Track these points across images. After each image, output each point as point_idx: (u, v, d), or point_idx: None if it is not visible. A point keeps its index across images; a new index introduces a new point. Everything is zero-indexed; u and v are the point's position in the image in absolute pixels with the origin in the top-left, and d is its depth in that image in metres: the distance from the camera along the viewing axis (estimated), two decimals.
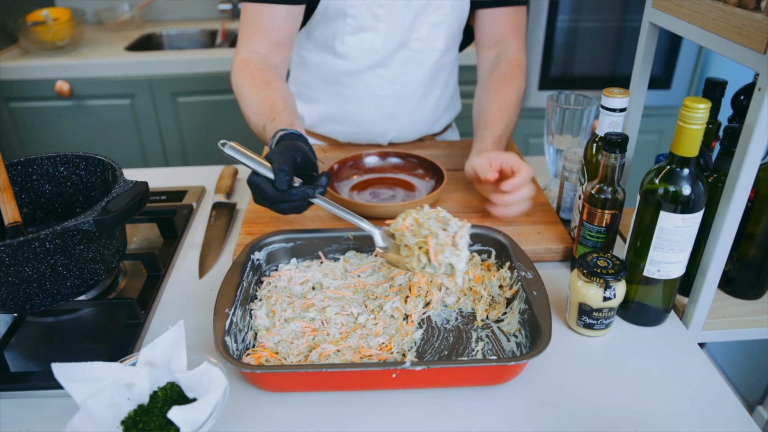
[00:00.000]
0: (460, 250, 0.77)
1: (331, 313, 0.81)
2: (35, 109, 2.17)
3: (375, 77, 1.21)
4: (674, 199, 0.74)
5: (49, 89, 2.13)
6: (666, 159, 0.76)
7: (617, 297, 0.78)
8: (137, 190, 0.79)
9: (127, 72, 2.13)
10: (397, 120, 1.27)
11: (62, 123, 2.20)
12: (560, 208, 1.06)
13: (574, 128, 1.06)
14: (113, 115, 2.21)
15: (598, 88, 2.24)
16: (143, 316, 0.84)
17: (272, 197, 0.79)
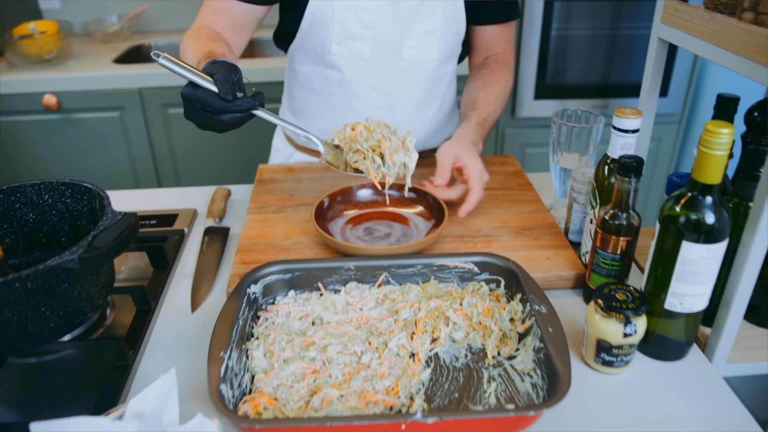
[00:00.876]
0: (411, 151, 0.91)
1: (332, 353, 0.76)
2: (23, 123, 2.10)
3: (368, 88, 1.15)
4: (697, 228, 0.69)
5: (36, 103, 2.05)
6: (687, 185, 0.71)
7: (638, 333, 0.72)
8: (126, 223, 0.73)
9: (115, 84, 2.06)
10: None
11: (50, 137, 2.13)
12: (569, 230, 1.00)
13: (582, 146, 1.01)
14: (102, 128, 2.14)
15: (594, 97, 2.20)
16: (132, 356, 0.77)
17: (216, 107, 0.79)
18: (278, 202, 1.10)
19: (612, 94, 2.21)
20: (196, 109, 0.81)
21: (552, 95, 2.18)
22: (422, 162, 1.25)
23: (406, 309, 0.82)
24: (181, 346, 0.82)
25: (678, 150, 2.28)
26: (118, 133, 2.16)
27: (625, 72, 2.17)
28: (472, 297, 0.83)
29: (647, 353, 0.79)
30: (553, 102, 2.19)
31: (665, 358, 0.78)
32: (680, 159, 2.29)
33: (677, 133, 2.25)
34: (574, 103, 2.20)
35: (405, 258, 0.87)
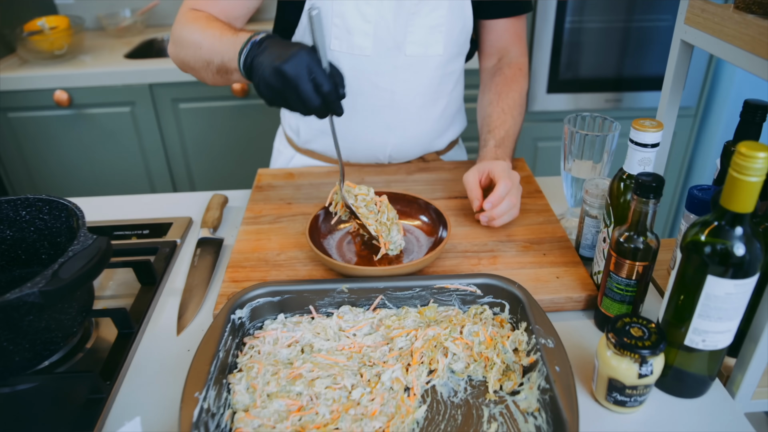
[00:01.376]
0: None
1: (320, 387, 0.67)
2: (34, 119, 2.03)
3: (369, 85, 1.06)
4: (724, 261, 0.59)
5: (48, 99, 1.99)
6: (713, 211, 0.60)
7: (655, 373, 0.63)
8: (95, 250, 0.65)
9: (126, 80, 1.98)
10: (395, 133, 1.12)
11: (62, 132, 2.07)
12: (580, 244, 0.90)
13: (595, 155, 0.90)
14: (114, 123, 2.07)
15: (608, 90, 2.07)
16: (108, 388, 0.70)
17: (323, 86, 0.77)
18: (275, 211, 1.02)
19: (626, 88, 2.08)
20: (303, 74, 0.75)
21: (565, 89, 2.06)
22: (428, 167, 1.15)
23: (401, 337, 0.73)
24: (162, 373, 0.74)
25: (692, 144, 2.14)
26: (130, 129, 2.09)
27: (640, 65, 2.03)
28: (473, 325, 0.74)
29: (664, 388, 0.69)
30: (566, 96, 2.07)
31: (684, 394, 0.69)
32: (694, 153, 2.15)
33: (692, 127, 2.11)
34: (587, 97, 2.07)
35: (402, 280, 0.78)
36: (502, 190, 0.90)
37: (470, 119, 1.28)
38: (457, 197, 1.05)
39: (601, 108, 2.10)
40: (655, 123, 0.70)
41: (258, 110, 2.06)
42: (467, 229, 0.95)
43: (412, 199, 0.96)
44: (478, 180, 0.95)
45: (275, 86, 0.77)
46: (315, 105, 0.77)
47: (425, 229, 0.93)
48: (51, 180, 2.17)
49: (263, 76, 0.77)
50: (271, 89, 0.78)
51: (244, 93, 2.01)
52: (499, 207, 0.90)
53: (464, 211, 1.00)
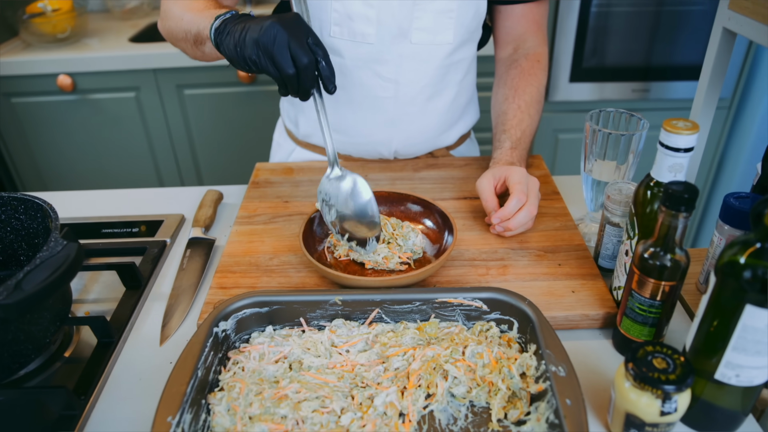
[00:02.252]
0: None
1: (307, 410, 0.62)
2: (38, 105, 2.01)
3: (372, 75, 0.99)
4: (767, 287, 0.52)
5: (51, 84, 1.95)
6: (755, 229, 0.54)
7: (679, 411, 0.56)
8: (62, 258, 0.61)
9: (131, 65, 1.94)
10: (400, 127, 1.05)
11: (66, 118, 2.04)
12: (599, 254, 0.84)
13: (620, 155, 0.83)
14: (118, 109, 2.04)
15: (635, 80, 1.97)
16: (82, 404, 0.66)
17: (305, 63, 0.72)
18: (270, 210, 0.96)
19: (655, 77, 1.97)
20: (296, 31, 0.72)
21: (589, 78, 1.96)
22: (437, 163, 1.09)
23: (398, 356, 0.68)
24: (142, 388, 0.70)
25: (725, 139, 2.03)
26: (135, 114, 2.05)
27: (671, 53, 1.93)
28: (477, 345, 0.68)
29: (689, 422, 0.63)
30: (590, 85, 1.97)
31: (712, 429, 0.62)
32: (726, 149, 2.05)
33: (725, 121, 2.00)
34: (612, 87, 1.98)
35: (401, 293, 0.72)
36: (513, 205, 0.84)
37: (483, 109, 1.21)
38: (467, 197, 0.98)
39: (627, 99, 2.01)
40: (689, 124, 0.63)
41: (265, 97, 2.01)
42: (476, 234, 0.89)
43: (415, 200, 0.90)
44: (493, 187, 0.89)
45: (248, 56, 0.73)
46: (289, 73, 0.72)
47: (429, 234, 0.87)
48: (56, 168, 2.15)
49: (240, 41, 0.74)
50: (243, 59, 0.74)
51: (251, 80, 1.96)
52: (516, 218, 0.84)
53: (474, 213, 0.94)
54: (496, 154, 0.96)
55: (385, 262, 0.79)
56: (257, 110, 2.04)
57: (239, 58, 0.74)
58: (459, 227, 0.88)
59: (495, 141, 0.99)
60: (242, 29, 0.74)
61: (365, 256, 0.82)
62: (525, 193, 0.84)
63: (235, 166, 2.17)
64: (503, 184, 0.89)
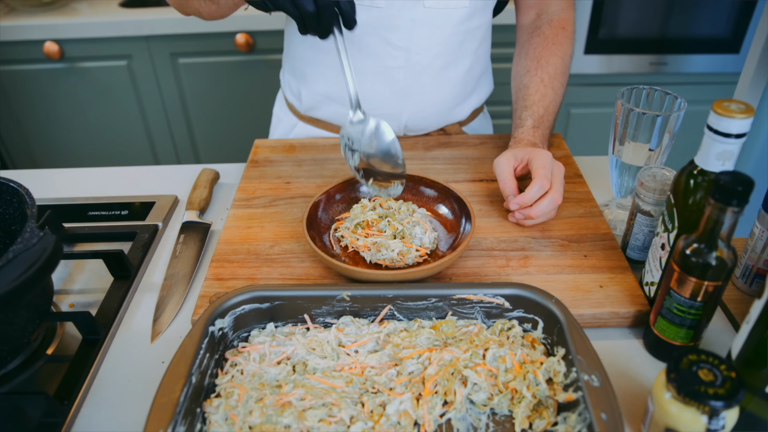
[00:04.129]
0: None
1: (313, 420, 0.57)
2: (23, 73, 1.92)
3: (381, 43, 0.92)
4: None
5: (37, 51, 1.87)
6: None
7: (727, 428, 0.51)
8: (39, 251, 0.55)
9: (122, 31, 1.85)
10: (411, 99, 0.98)
11: (54, 87, 1.96)
12: (628, 244, 0.78)
13: (654, 138, 0.76)
14: (109, 78, 1.95)
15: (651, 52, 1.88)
16: (65, 410, 0.60)
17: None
18: (270, 192, 0.90)
19: (671, 50, 1.89)
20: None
21: (604, 50, 1.88)
22: (449, 141, 1.02)
23: (412, 359, 0.62)
24: (132, 390, 0.64)
25: None
26: (127, 84, 1.97)
27: (691, 24, 1.84)
28: (499, 347, 0.62)
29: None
30: (605, 57, 1.89)
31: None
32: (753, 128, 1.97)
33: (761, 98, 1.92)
34: (629, 59, 1.90)
35: (415, 288, 0.66)
36: (535, 191, 0.77)
37: (497, 81, 1.14)
38: (483, 180, 0.92)
39: (643, 72, 1.93)
40: (743, 106, 0.56)
41: (265, 67, 1.92)
42: (495, 222, 0.83)
43: (429, 184, 0.83)
44: (512, 168, 0.83)
45: None
46: (309, 11, 0.66)
47: (445, 222, 0.81)
48: (45, 142, 2.08)
49: None
50: None
51: (249, 47, 1.87)
52: (538, 206, 0.78)
53: (491, 197, 0.88)
54: (517, 133, 0.89)
55: (401, 258, 0.73)
56: (256, 81, 1.96)
57: None
58: (476, 213, 0.82)
59: (515, 118, 0.92)
60: None
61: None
62: (548, 178, 0.78)
63: (232, 142, 2.10)
64: (525, 166, 0.83)
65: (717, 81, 1.93)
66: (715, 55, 1.90)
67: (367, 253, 0.75)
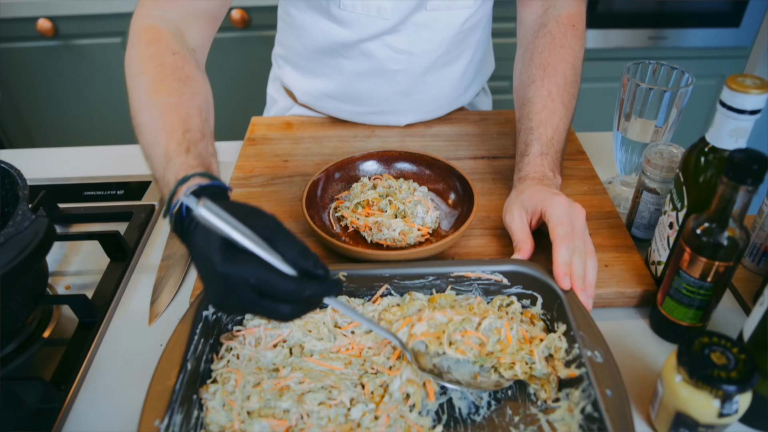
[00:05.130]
0: None
1: (312, 404, 0.55)
2: (17, 51, 1.86)
3: (383, 47, 0.87)
4: None
5: (30, 28, 1.81)
6: None
7: (740, 412, 0.49)
8: (32, 235, 0.52)
9: (116, 7, 1.79)
10: (413, 98, 0.94)
11: (49, 65, 1.90)
12: (633, 222, 0.75)
13: (662, 114, 0.73)
14: (104, 55, 1.90)
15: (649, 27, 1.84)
16: (62, 395, 0.58)
17: (281, 294, 0.47)
18: (268, 171, 0.87)
19: (671, 24, 1.84)
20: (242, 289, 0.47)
21: (602, 24, 1.83)
22: (449, 118, 0.99)
23: (404, 329, 0.60)
24: (130, 374, 0.62)
25: None
26: (121, 62, 1.90)
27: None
28: (497, 319, 0.60)
29: (741, 419, 0.56)
30: (602, 32, 1.84)
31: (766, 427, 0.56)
32: None
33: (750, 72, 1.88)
34: (626, 34, 1.85)
35: (412, 267, 0.64)
36: (564, 257, 0.61)
37: (497, 56, 1.10)
38: (484, 157, 0.89)
39: (643, 46, 1.88)
40: (758, 81, 0.53)
41: (260, 43, 1.87)
42: (497, 199, 0.80)
43: (430, 161, 0.80)
44: (527, 224, 0.69)
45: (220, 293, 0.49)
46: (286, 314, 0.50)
47: (447, 201, 0.78)
48: (41, 120, 2.03)
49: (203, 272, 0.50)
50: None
51: (245, 23, 1.82)
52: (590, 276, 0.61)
53: (493, 174, 0.85)
54: (522, 164, 0.75)
55: (402, 238, 0.70)
56: (253, 57, 1.90)
57: None
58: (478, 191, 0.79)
59: (519, 142, 0.78)
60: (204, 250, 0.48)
61: None
62: (571, 236, 0.63)
63: (229, 120, 2.04)
64: (539, 219, 0.69)
65: (717, 55, 1.88)
66: (715, 29, 1.85)
67: (368, 233, 0.72)
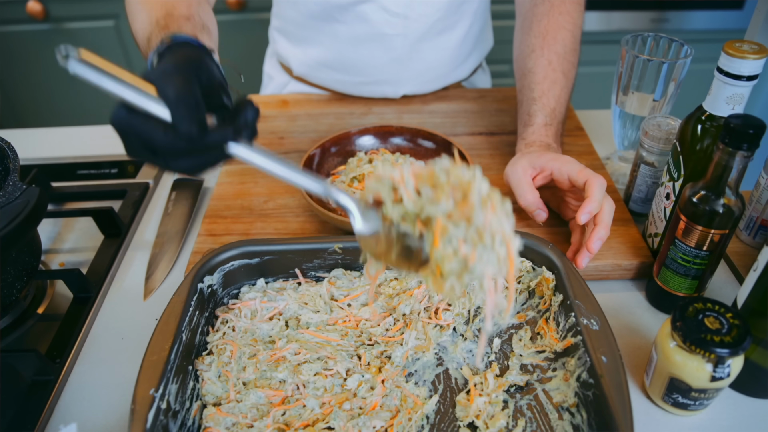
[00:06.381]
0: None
1: (308, 374, 0.56)
2: (6, 34, 1.86)
3: (378, 10, 0.87)
4: None
5: (20, 11, 1.80)
6: None
7: (731, 376, 0.50)
8: (22, 204, 0.52)
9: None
10: (409, 66, 0.94)
11: (40, 49, 1.89)
12: (631, 197, 0.76)
13: (658, 87, 0.73)
14: (97, 39, 1.89)
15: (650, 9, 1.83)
16: (57, 368, 0.59)
17: (166, 147, 0.43)
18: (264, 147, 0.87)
19: (673, 6, 1.83)
20: (135, 145, 0.45)
21: (603, 6, 1.82)
22: (447, 95, 0.99)
23: (404, 305, 0.61)
24: (125, 348, 0.63)
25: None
26: (115, 46, 1.91)
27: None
28: None
29: (734, 385, 0.57)
30: (604, 14, 1.84)
31: (759, 394, 0.57)
32: None
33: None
34: (628, 16, 1.85)
35: None
36: (599, 191, 0.62)
37: (497, 39, 1.10)
38: (482, 133, 0.89)
39: (645, 29, 1.87)
40: (755, 47, 0.54)
41: (256, 25, 1.86)
42: (494, 174, 0.80)
43: (427, 136, 0.81)
44: (530, 179, 0.68)
45: None
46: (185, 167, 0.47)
47: None
48: (32, 104, 2.02)
49: None
50: None
51: (240, 6, 1.81)
52: (599, 230, 0.62)
53: (491, 150, 0.85)
54: (527, 132, 0.75)
55: None
56: (249, 40, 1.90)
57: None
58: None
59: (522, 112, 0.78)
60: None
61: None
62: (603, 186, 0.63)
63: None
64: (547, 176, 0.68)
65: (720, 38, 1.88)
66: (717, 11, 1.85)
67: None
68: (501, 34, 1.22)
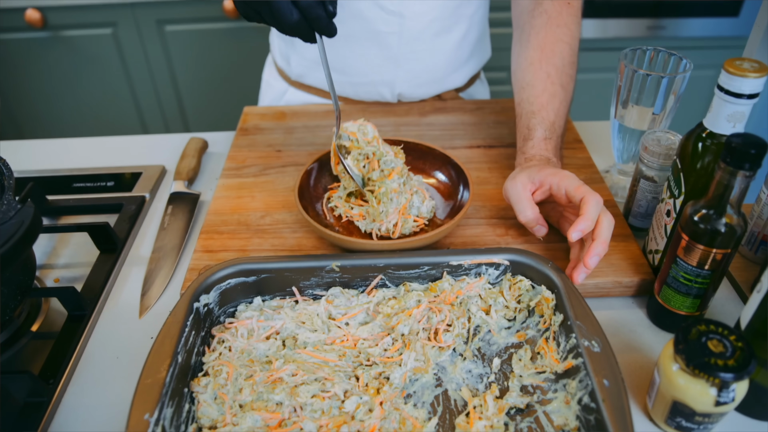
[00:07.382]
0: None
1: (306, 396, 0.55)
2: (4, 42, 1.85)
3: (373, 7, 0.87)
4: None
5: (18, 19, 1.79)
6: None
7: (736, 401, 0.49)
8: (17, 224, 0.51)
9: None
10: (404, 66, 0.94)
11: (39, 57, 1.88)
12: (630, 211, 0.75)
13: (658, 101, 0.73)
14: (95, 46, 1.88)
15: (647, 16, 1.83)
16: (51, 389, 0.58)
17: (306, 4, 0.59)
18: (261, 161, 0.86)
19: (669, 13, 1.83)
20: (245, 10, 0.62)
21: (599, 13, 1.82)
22: (445, 106, 0.98)
23: (402, 324, 0.60)
24: (120, 368, 0.62)
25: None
26: (113, 53, 1.90)
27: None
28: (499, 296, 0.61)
29: (738, 408, 0.56)
30: (600, 21, 1.83)
31: (764, 417, 0.55)
32: None
33: None
34: (624, 24, 1.84)
35: (407, 256, 0.63)
36: (593, 208, 0.61)
37: (495, 47, 1.10)
38: (480, 146, 0.88)
39: (641, 36, 1.87)
40: (756, 65, 0.53)
41: (254, 34, 1.86)
42: (492, 188, 0.79)
43: (425, 150, 0.80)
44: (530, 194, 0.67)
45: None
46: (291, 21, 0.61)
47: (442, 190, 0.78)
48: (31, 113, 2.01)
49: None
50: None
51: (238, 14, 1.80)
52: (601, 229, 0.61)
53: (489, 163, 0.84)
54: (526, 147, 0.74)
55: (395, 229, 0.69)
56: (246, 48, 1.89)
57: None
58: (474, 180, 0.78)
59: (521, 126, 0.77)
60: None
61: None
62: (599, 203, 0.62)
63: (222, 110, 2.04)
64: (546, 191, 0.67)
65: (716, 45, 1.88)
66: (713, 19, 1.85)
67: (362, 222, 0.71)
68: (498, 42, 1.21)
